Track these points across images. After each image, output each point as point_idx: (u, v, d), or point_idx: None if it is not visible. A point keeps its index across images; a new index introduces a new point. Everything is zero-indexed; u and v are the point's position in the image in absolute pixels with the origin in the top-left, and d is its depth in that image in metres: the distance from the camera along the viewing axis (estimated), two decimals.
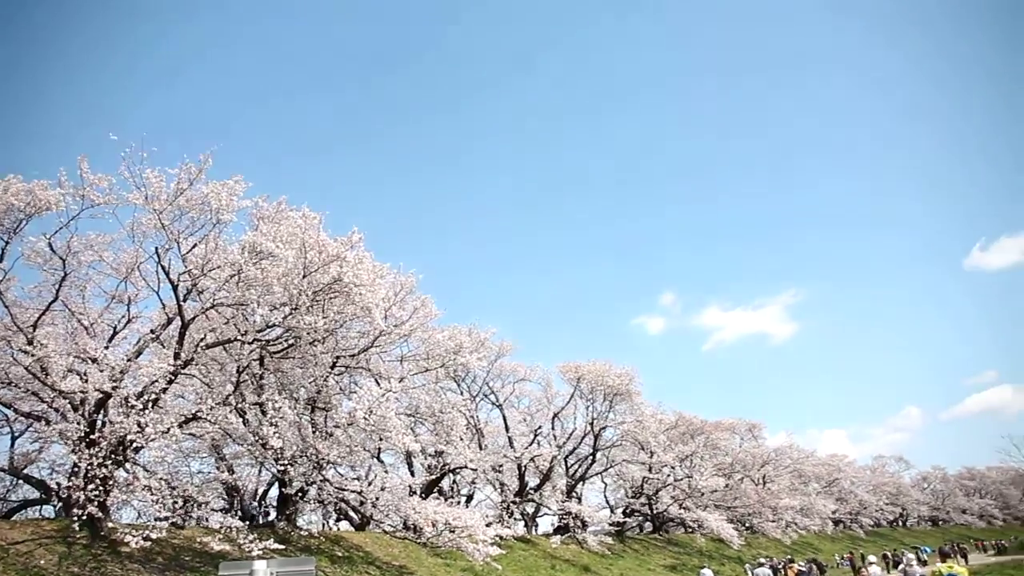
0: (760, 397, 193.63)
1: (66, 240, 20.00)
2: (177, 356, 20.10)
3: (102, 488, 18.00)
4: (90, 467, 17.66)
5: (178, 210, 19.48)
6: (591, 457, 48.45)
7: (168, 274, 20.16)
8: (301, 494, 26.35)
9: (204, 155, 19.31)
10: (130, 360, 19.74)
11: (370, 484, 26.63)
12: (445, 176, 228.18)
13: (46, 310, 20.57)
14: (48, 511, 23.79)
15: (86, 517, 17.87)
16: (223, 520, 21.46)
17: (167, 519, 18.29)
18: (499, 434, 43.99)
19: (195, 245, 20.30)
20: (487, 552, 25.63)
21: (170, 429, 18.41)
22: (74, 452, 18.38)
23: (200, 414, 19.75)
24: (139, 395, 18.74)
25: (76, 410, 19.51)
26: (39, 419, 21.39)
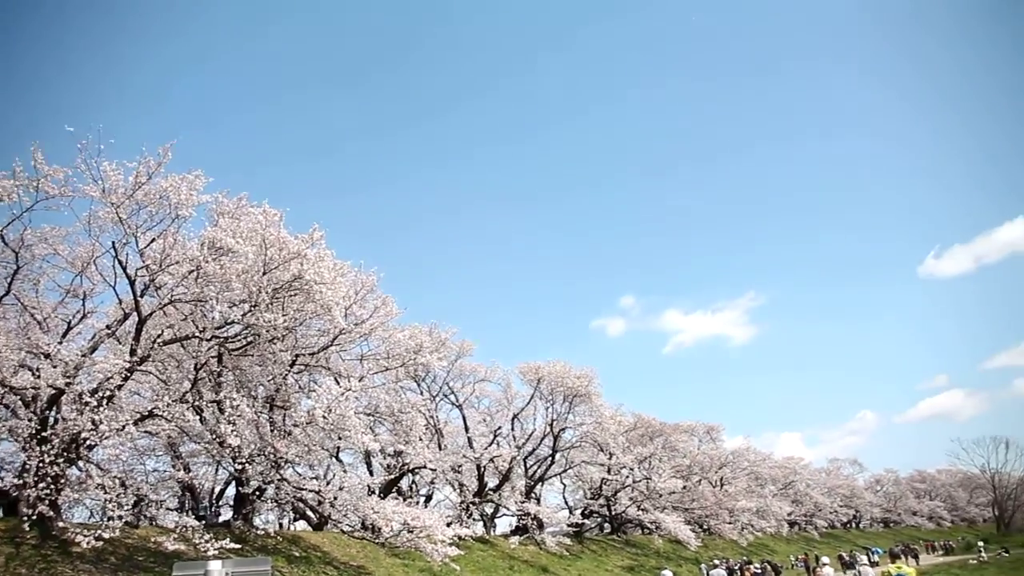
0: (719, 400, 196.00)
1: (19, 232, 19.63)
2: (133, 352, 19.79)
3: (53, 487, 17.65)
4: (41, 465, 17.28)
5: (136, 204, 19.15)
6: (550, 458, 48.60)
7: (125, 269, 19.83)
8: (258, 493, 26.11)
9: (163, 148, 19.07)
10: (84, 356, 19.35)
11: (328, 484, 26.53)
12: (406, 178, 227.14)
13: None
14: None
15: (36, 517, 17.44)
16: (178, 519, 21.16)
17: (120, 518, 17.99)
18: (459, 434, 43.98)
19: (153, 240, 19.97)
20: (445, 552, 25.66)
21: (125, 427, 18.16)
22: (24, 450, 18.03)
23: (156, 411, 19.48)
24: (93, 392, 18.39)
25: (27, 407, 19.09)
26: None
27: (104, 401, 18.15)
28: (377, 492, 30.36)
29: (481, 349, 70.50)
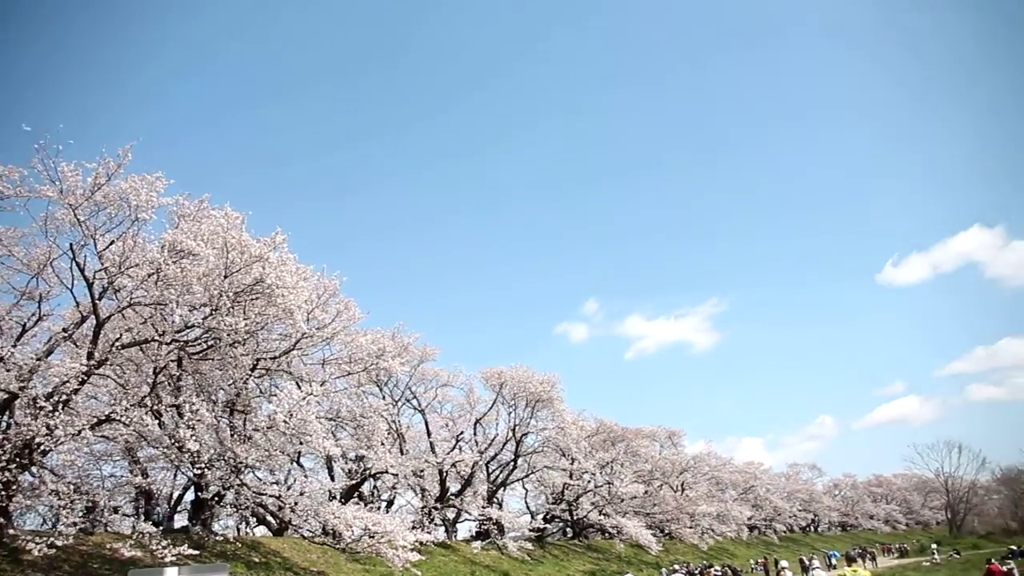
0: (680, 405, 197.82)
1: None
2: (91, 356, 19.49)
3: (4, 493, 17.33)
4: None
5: (95, 205, 18.90)
6: (512, 463, 48.72)
7: (83, 271, 19.54)
8: (218, 498, 25.81)
9: (123, 149, 18.85)
10: (40, 359, 18.99)
11: (289, 489, 26.27)
12: (371, 187, 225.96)
13: None
14: None
15: None
16: (135, 525, 20.81)
17: (75, 525, 17.70)
18: (421, 439, 43.86)
19: (112, 242, 19.72)
20: (407, 558, 25.59)
21: (81, 431, 17.86)
22: None
23: (114, 416, 19.18)
24: (48, 396, 18.10)
25: None
26: None
27: (59, 405, 17.85)
28: (338, 497, 30.20)
29: (444, 354, 70.38)
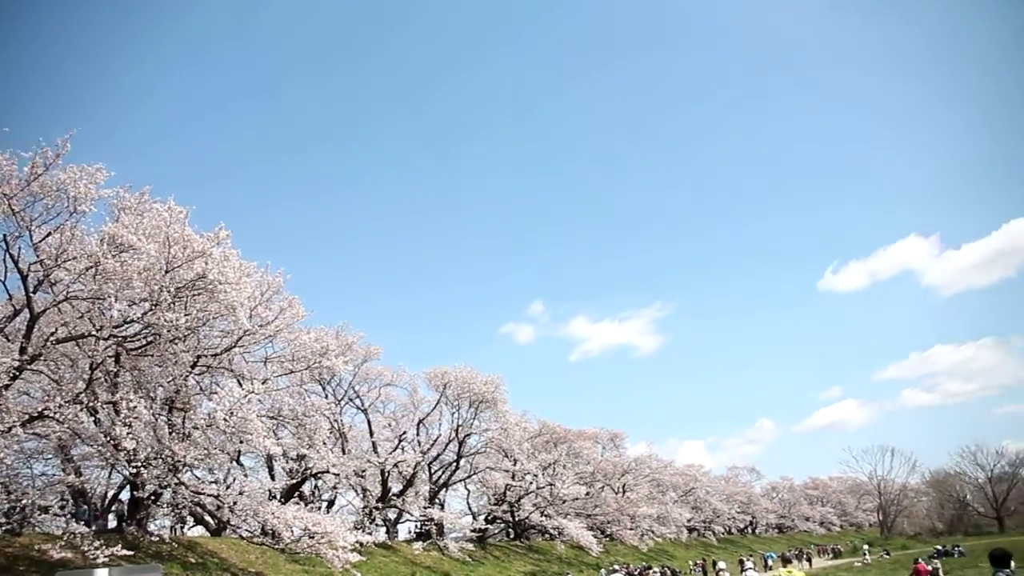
0: (623, 407, 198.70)
1: None
2: (23, 350, 19.00)
3: None
4: None
5: (31, 196, 18.47)
6: (455, 464, 48.79)
7: (17, 263, 19.07)
8: (154, 498, 25.31)
9: (62, 139, 18.50)
10: None
11: (228, 488, 25.80)
12: (317, 193, 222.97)
13: None
14: None
15: None
16: (66, 526, 20.29)
17: (1, 526, 17.22)
18: (363, 439, 43.64)
19: (49, 234, 19.28)
20: (347, 559, 25.44)
21: (12, 428, 17.41)
22: None
23: (47, 412, 18.73)
24: None
25: None
26: None
27: None
28: (278, 497, 29.90)
29: (388, 353, 69.81)
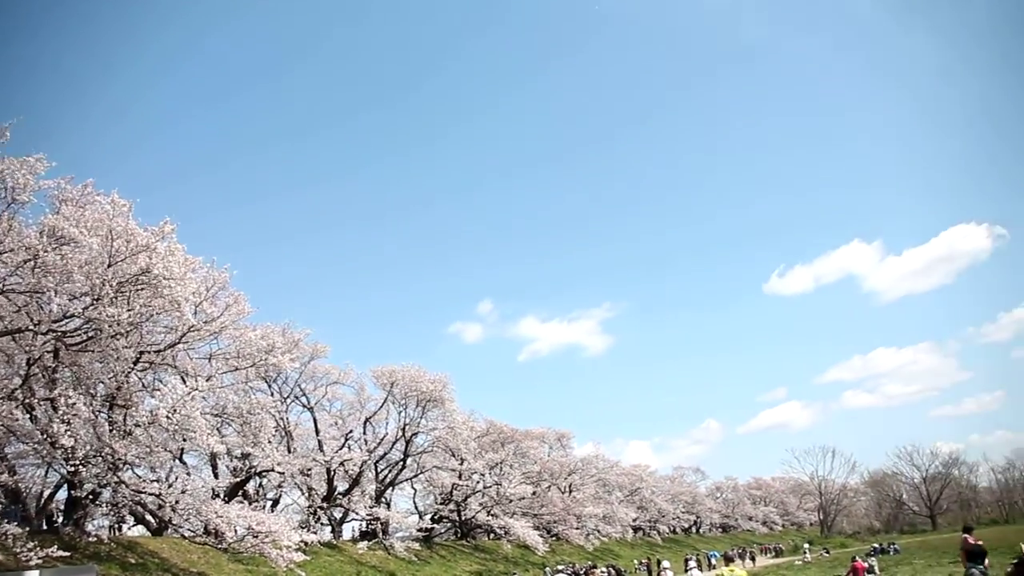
0: (572, 407, 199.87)
1: None
2: None
3: None
4: None
5: None
6: (402, 462, 48.66)
7: None
8: (93, 497, 24.73)
9: (0, 127, 17.99)
10: None
11: (170, 486, 25.40)
12: (264, 190, 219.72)
13: None
14: None
15: None
16: None
17: None
18: (309, 437, 43.26)
19: None
20: (291, 558, 25.22)
21: None
22: None
23: None
24: None
25: None
26: None
27: None
28: (222, 495, 29.52)
29: (336, 353, 69.32)
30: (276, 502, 41.83)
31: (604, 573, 49.51)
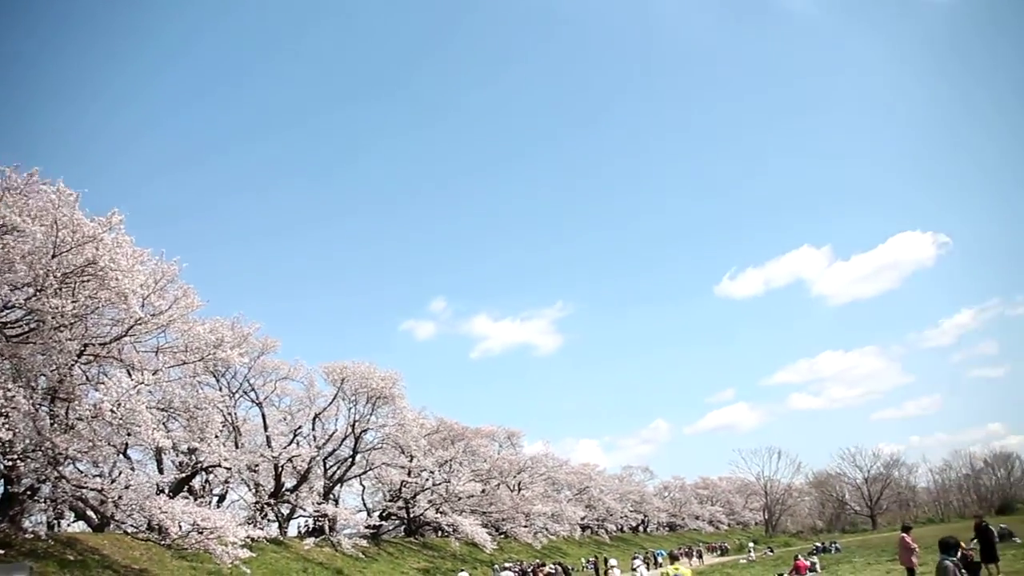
0: (522, 406, 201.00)
1: None
2: None
3: None
4: None
5: None
6: (351, 459, 48.36)
7: None
8: (31, 492, 24.16)
9: None
10: None
11: (114, 482, 24.91)
12: (222, 182, 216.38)
13: None
14: None
15: None
16: None
17: None
18: (257, 432, 42.71)
19: None
20: (236, 555, 24.95)
21: None
22: None
23: None
24: None
25: None
26: None
27: None
28: (167, 491, 29.05)
29: (286, 349, 68.76)
30: (222, 498, 41.25)
31: (552, 571, 49.78)
